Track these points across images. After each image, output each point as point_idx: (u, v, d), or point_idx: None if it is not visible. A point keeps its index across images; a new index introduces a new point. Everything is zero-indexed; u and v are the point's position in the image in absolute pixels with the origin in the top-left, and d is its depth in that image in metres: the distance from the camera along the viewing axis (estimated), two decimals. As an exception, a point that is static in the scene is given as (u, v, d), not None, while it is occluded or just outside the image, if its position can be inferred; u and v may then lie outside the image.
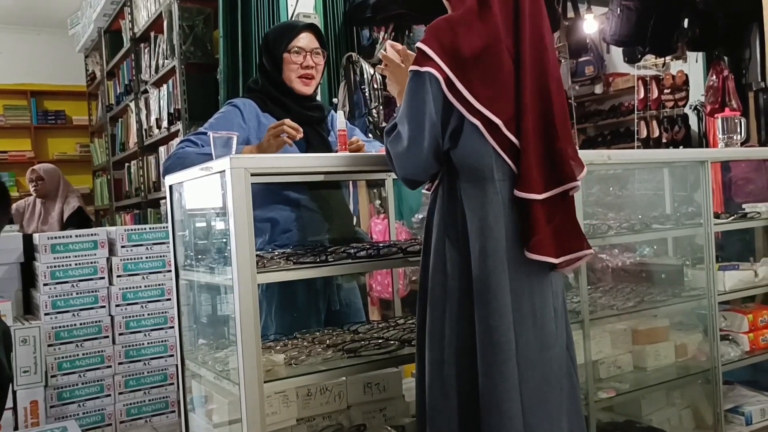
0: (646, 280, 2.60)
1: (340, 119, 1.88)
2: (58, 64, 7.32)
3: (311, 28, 2.25)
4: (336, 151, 2.01)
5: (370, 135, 3.75)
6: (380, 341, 1.82)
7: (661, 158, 2.58)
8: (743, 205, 2.65)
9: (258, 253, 1.66)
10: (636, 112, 5.57)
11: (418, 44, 1.52)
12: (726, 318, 2.61)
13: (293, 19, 3.64)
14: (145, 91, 4.89)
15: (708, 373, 2.42)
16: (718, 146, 2.66)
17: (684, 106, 5.37)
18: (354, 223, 2.41)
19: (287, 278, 1.68)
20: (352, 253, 1.76)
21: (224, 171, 1.54)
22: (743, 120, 2.56)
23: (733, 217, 2.53)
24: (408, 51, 1.78)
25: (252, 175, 1.55)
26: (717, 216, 2.50)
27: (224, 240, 1.62)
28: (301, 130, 1.95)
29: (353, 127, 2.43)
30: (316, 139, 2.21)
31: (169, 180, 1.92)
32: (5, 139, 7.31)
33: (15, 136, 7.35)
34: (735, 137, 2.54)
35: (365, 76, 3.77)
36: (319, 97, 2.49)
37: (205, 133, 2.04)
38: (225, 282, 1.64)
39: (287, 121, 1.93)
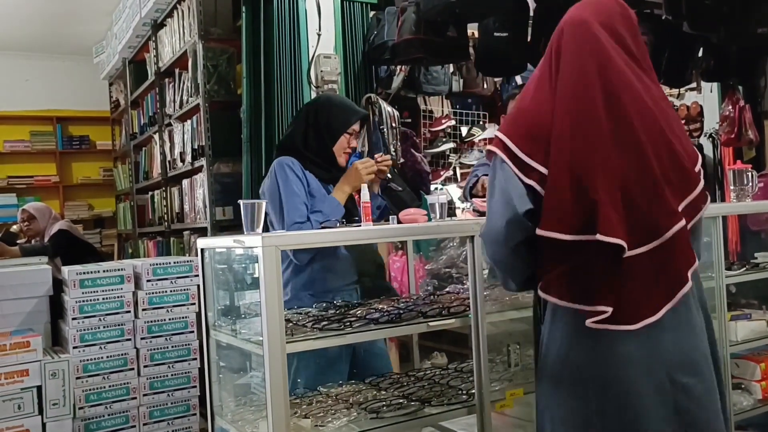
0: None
1: (364, 191, 1.99)
2: (82, 91, 7.49)
3: (365, 117, 2.64)
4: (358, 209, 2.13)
5: (389, 174, 3.85)
6: (401, 401, 1.90)
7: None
8: (755, 254, 2.70)
9: (286, 315, 1.75)
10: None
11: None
12: (739, 366, 2.66)
13: (351, 101, 3.75)
14: (169, 125, 5.02)
15: (721, 423, 2.47)
16: (730, 193, 2.71)
17: (699, 136, 5.40)
18: (384, 275, 2.56)
19: (314, 347, 1.77)
20: (375, 318, 1.85)
21: (256, 248, 1.64)
22: (754, 172, 2.62)
23: (744, 268, 2.59)
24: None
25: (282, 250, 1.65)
26: (729, 267, 2.56)
27: (255, 309, 1.71)
28: (390, 162, 2.43)
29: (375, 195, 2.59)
30: None
31: (201, 244, 2.01)
32: (31, 164, 7.50)
33: (41, 161, 7.54)
34: (746, 189, 2.60)
35: (384, 115, 3.87)
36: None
37: (302, 216, 2.28)
38: (254, 350, 1.73)
39: (378, 158, 2.40)
